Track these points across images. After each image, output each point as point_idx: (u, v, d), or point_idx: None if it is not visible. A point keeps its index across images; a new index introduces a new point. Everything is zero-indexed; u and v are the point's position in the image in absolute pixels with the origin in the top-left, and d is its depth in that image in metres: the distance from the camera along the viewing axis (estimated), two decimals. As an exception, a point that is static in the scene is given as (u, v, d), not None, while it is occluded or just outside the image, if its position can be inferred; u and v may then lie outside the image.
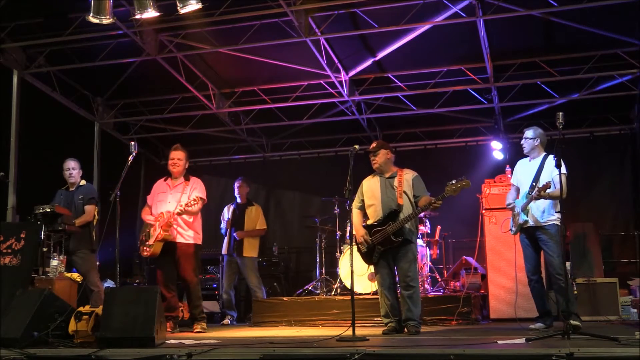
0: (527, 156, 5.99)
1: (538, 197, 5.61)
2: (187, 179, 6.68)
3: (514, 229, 5.94)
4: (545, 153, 5.88)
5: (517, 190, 5.99)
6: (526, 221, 5.77)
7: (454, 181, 5.54)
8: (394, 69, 9.02)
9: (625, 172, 9.87)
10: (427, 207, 5.70)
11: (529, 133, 5.95)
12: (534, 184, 5.69)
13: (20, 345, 4.53)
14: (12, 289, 5.36)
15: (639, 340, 4.10)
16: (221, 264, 8.65)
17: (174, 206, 6.40)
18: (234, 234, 8.14)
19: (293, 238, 10.92)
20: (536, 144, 5.90)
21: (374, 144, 6.00)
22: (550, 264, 5.72)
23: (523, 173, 5.96)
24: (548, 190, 5.58)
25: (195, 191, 6.54)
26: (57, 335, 4.81)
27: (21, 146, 8.18)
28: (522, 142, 6.02)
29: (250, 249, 8.18)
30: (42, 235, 6.03)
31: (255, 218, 8.33)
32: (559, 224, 5.60)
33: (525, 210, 5.77)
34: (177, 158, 6.66)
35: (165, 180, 6.76)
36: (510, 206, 5.96)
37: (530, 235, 5.83)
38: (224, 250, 8.28)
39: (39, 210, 6.18)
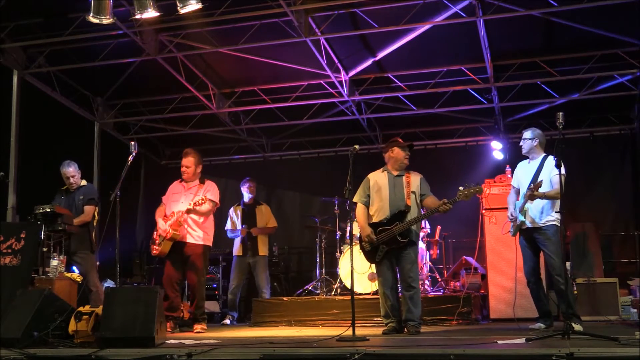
0: (527, 157, 5.97)
1: (532, 197, 5.59)
2: (202, 182, 6.72)
3: (512, 230, 5.92)
4: (544, 154, 5.86)
5: (517, 192, 5.96)
6: (523, 222, 5.75)
7: (466, 186, 5.50)
8: (394, 69, 9.01)
9: (625, 172, 9.87)
10: (436, 210, 5.63)
11: (527, 134, 5.93)
12: (531, 185, 5.66)
13: (20, 345, 4.52)
14: (12, 289, 5.36)
15: (639, 340, 4.09)
16: (221, 264, 8.65)
17: (186, 207, 6.43)
18: (250, 230, 8.18)
19: (293, 238, 10.93)
20: (534, 144, 5.87)
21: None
22: (550, 265, 5.69)
23: (523, 174, 5.93)
24: (543, 190, 5.57)
25: (207, 194, 6.56)
26: (57, 335, 4.81)
27: (21, 146, 8.18)
28: (520, 143, 6.00)
29: (264, 247, 8.33)
30: (42, 235, 6.03)
31: (266, 216, 8.46)
32: (558, 224, 5.57)
33: (522, 211, 5.75)
34: (185, 166, 6.70)
35: (180, 181, 6.80)
36: (511, 219, 5.88)
37: (529, 236, 5.80)
38: (237, 252, 8.29)
39: (39, 210, 6.18)
